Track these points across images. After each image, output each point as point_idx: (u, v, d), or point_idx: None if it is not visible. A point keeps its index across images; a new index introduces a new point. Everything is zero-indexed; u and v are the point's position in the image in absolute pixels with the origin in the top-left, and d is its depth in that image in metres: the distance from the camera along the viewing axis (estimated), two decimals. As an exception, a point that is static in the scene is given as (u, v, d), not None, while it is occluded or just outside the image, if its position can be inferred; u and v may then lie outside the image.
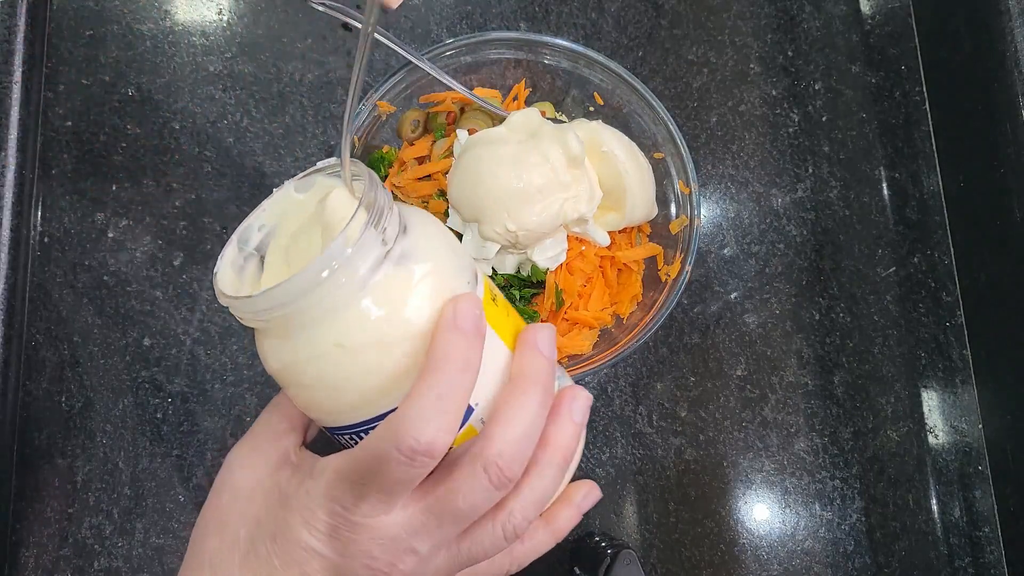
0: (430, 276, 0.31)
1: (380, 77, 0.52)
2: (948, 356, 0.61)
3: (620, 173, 0.51)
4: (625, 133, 0.54)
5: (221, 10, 0.60)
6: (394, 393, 0.31)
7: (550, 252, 0.52)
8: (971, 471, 0.60)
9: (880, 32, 0.66)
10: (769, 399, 0.59)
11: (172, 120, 0.58)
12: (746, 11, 0.64)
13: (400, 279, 0.31)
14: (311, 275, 0.29)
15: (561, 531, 0.37)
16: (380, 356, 0.30)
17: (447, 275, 0.32)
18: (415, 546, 0.31)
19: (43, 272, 0.55)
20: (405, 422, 0.29)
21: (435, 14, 0.61)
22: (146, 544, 0.53)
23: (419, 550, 0.31)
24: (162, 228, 0.57)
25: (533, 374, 0.33)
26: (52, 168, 0.56)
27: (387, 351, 0.30)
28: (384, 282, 0.30)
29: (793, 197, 0.62)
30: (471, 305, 0.31)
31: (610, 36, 0.62)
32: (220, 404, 0.55)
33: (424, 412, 0.29)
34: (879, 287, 0.62)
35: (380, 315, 0.30)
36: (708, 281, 0.60)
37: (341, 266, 0.29)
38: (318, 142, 0.58)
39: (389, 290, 0.30)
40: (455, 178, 0.51)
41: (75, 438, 0.53)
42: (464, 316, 0.30)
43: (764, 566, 0.57)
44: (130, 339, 0.55)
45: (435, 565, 0.32)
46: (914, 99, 0.65)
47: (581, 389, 0.35)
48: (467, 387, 0.30)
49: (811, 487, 0.58)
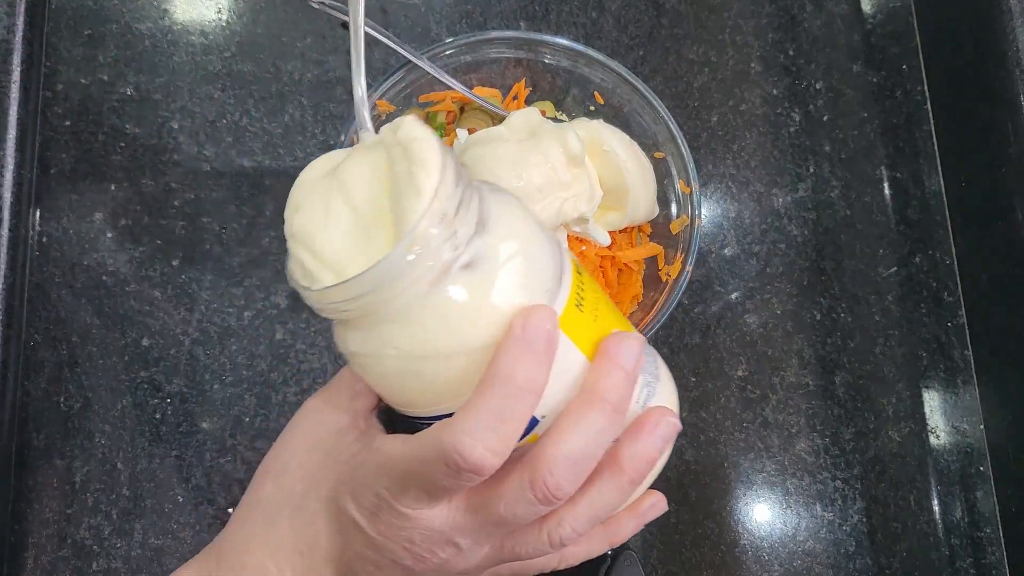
0: (503, 283, 0.28)
1: (380, 76, 0.52)
2: (950, 356, 0.61)
3: (622, 172, 0.51)
4: (626, 132, 0.54)
5: (220, 9, 0.60)
6: (454, 400, 0.29)
7: (550, 252, 0.52)
8: (973, 472, 0.60)
9: (881, 31, 0.65)
10: (770, 400, 0.59)
11: (171, 119, 0.58)
12: (747, 10, 0.64)
13: (468, 286, 0.28)
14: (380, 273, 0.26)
15: (619, 540, 0.36)
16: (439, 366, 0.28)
17: (524, 282, 0.29)
18: (456, 540, 0.31)
19: (41, 272, 0.55)
20: (454, 436, 0.27)
21: (435, 13, 0.61)
22: (145, 545, 0.53)
23: (460, 544, 0.31)
24: (161, 228, 0.56)
25: (604, 389, 0.30)
26: (50, 168, 0.56)
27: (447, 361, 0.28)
28: (450, 290, 0.27)
29: (794, 197, 0.62)
30: (543, 320, 0.28)
31: (610, 35, 0.62)
32: (219, 404, 0.55)
33: (475, 430, 0.27)
34: (880, 287, 0.62)
35: (442, 325, 0.28)
36: (709, 281, 0.60)
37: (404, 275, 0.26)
38: (317, 141, 0.58)
39: (453, 299, 0.28)
40: (455, 178, 0.51)
41: (73, 439, 0.53)
42: (534, 332, 0.28)
43: (765, 567, 0.57)
44: (129, 339, 0.55)
45: (476, 557, 0.32)
46: (916, 98, 0.65)
47: (670, 413, 0.33)
48: (526, 408, 0.28)
49: (812, 488, 0.58)
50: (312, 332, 0.56)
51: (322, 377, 0.55)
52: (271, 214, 0.57)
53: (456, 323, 0.28)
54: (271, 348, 0.55)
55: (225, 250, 0.56)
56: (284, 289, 0.56)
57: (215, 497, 0.53)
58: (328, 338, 0.56)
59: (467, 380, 0.28)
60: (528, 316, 0.28)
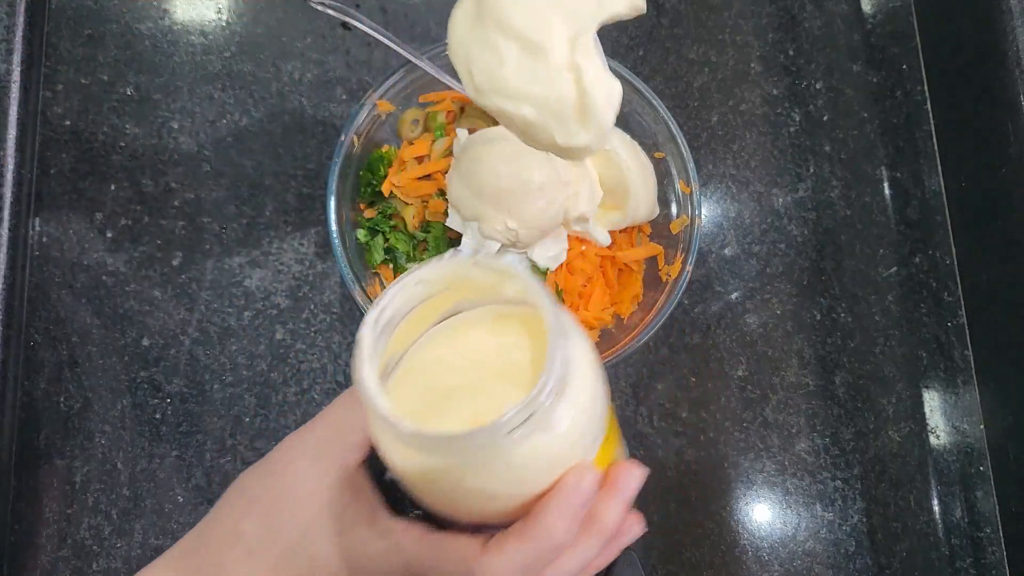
0: (566, 443, 0.29)
1: (380, 76, 0.52)
2: (950, 356, 0.61)
3: (623, 171, 0.51)
4: (626, 132, 0.54)
5: (220, 9, 0.60)
6: (482, 517, 0.31)
7: (550, 252, 0.52)
8: (973, 472, 0.60)
9: (881, 31, 0.65)
10: (770, 399, 0.59)
11: (171, 119, 0.58)
12: (747, 10, 0.64)
13: (537, 443, 0.29)
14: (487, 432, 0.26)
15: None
16: (487, 500, 0.30)
17: (582, 441, 0.30)
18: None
19: (41, 272, 0.55)
20: (483, 570, 0.30)
21: (435, 13, 0.61)
22: (145, 545, 0.53)
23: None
24: (161, 228, 0.56)
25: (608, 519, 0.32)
26: (51, 167, 0.56)
27: (494, 500, 0.30)
28: (521, 445, 0.28)
29: (794, 197, 0.62)
30: (589, 485, 0.30)
31: (610, 35, 0.62)
32: (219, 404, 0.55)
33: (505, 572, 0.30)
34: (880, 287, 0.62)
35: (504, 471, 0.29)
36: (709, 281, 0.60)
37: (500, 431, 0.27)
38: (317, 142, 0.58)
39: (521, 452, 0.28)
40: (454, 177, 0.51)
41: (74, 439, 0.53)
42: (580, 497, 0.30)
43: (765, 567, 0.57)
44: (129, 339, 0.55)
45: None
46: (915, 98, 0.65)
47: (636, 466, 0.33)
48: (554, 556, 0.30)
49: (812, 488, 0.58)
50: (312, 332, 0.56)
51: (322, 377, 0.55)
52: (271, 214, 0.57)
53: (518, 473, 0.29)
54: (271, 348, 0.55)
55: (225, 250, 0.56)
56: (284, 289, 0.56)
57: (215, 497, 0.53)
58: (327, 338, 0.56)
59: (507, 511, 0.30)
60: (579, 481, 0.30)
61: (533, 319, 0.30)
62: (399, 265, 0.54)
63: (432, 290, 0.31)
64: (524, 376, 0.31)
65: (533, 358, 0.31)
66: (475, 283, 0.31)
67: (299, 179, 0.58)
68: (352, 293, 0.50)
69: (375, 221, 0.54)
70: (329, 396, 0.55)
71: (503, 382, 0.31)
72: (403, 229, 0.54)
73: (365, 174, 0.54)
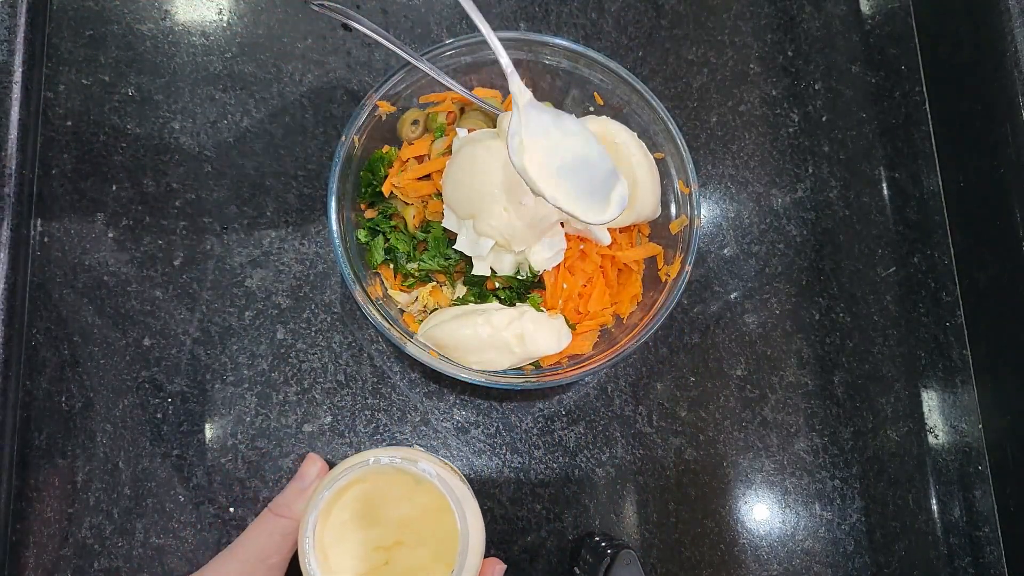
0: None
1: (380, 77, 0.52)
2: (948, 356, 0.61)
3: (632, 165, 0.51)
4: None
5: (221, 10, 0.60)
6: None
7: (547, 253, 0.52)
8: (971, 471, 0.60)
9: (880, 32, 0.66)
10: (769, 399, 0.59)
11: (172, 120, 0.58)
12: (746, 11, 0.64)
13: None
14: None
15: None
16: None
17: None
18: None
19: (43, 272, 0.55)
20: None
21: (435, 14, 0.61)
22: (146, 544, 0.53)
23: None
24: (162, 228, 0.57)
25: None
26: (52, 168, 0.56)
27: None
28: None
29: (793, 197, 0.62)
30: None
31: (610, 36, 0.62)
32: (220, 404, 0.55)
33: None
34: (879, 287, 0.62)
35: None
36: (708, 281, 0.60)
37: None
38: (318, 142, 0.58)
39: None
40: (449, 176, 0.51)
41: (75, 438, 0.53)
42: None
43: (764, 566, 0.57)
44: (130, 339, 0.55)
45: None
46: (914, 99, 0.65)
47: (498, 563, 0.46)
48: None
49: (811, 487, 0.58)
50: (313, 332, 0.56)
51: (323, 376, 0.56)
52: (272, 214, 0.57)
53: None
54: (272, 348, 0.56)
55: (226, 250, 0.57)
56: (285, 289, 0.56)
57: (216, 496, 0.54)
58: (328, 338, 0.56)
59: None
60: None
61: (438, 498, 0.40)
62: (399, 265, 0.54)
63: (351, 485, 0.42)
64: (437, 543, 0.42)
65: (441, 527, 0.41)
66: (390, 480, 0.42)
67: (300, 179, 0.58)
68: (353, 293, 0.50)
69: (375, 221, 0.54)
70: (330, 396, 0.55)
71: (420, 547, 0.42)
72: (403, 229, 0.54)
73: (366, 174, 0.54)
